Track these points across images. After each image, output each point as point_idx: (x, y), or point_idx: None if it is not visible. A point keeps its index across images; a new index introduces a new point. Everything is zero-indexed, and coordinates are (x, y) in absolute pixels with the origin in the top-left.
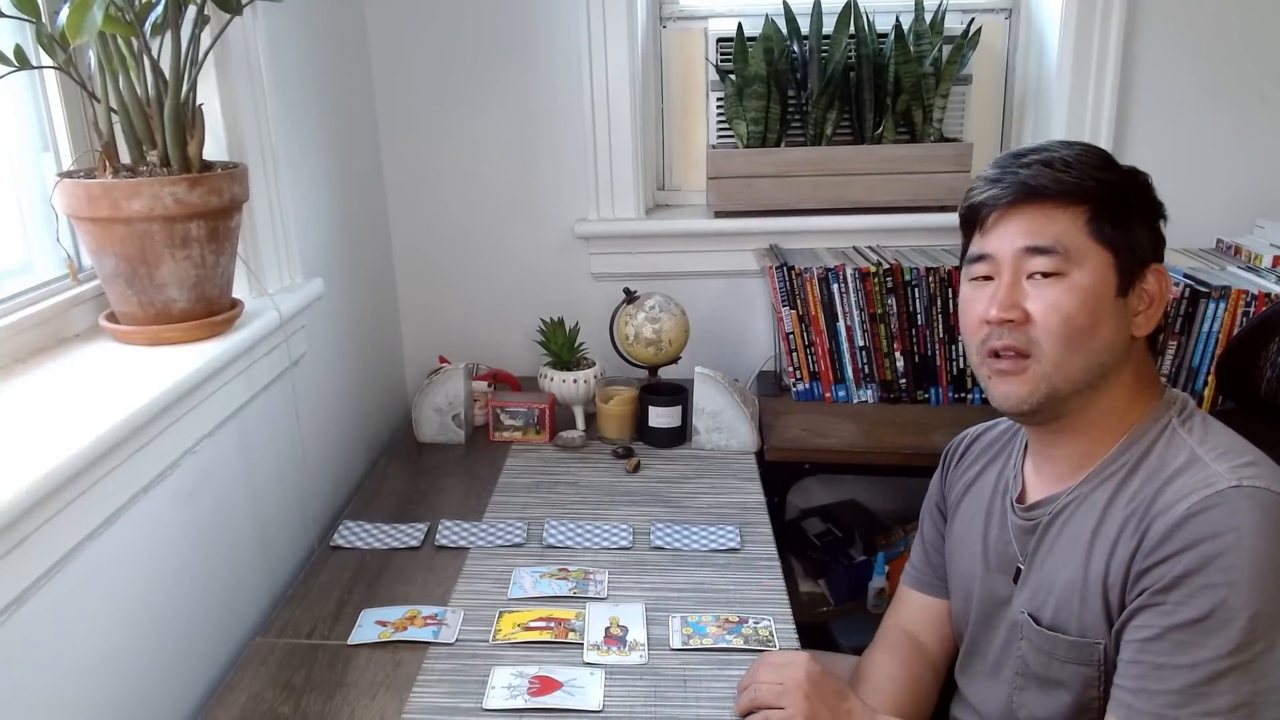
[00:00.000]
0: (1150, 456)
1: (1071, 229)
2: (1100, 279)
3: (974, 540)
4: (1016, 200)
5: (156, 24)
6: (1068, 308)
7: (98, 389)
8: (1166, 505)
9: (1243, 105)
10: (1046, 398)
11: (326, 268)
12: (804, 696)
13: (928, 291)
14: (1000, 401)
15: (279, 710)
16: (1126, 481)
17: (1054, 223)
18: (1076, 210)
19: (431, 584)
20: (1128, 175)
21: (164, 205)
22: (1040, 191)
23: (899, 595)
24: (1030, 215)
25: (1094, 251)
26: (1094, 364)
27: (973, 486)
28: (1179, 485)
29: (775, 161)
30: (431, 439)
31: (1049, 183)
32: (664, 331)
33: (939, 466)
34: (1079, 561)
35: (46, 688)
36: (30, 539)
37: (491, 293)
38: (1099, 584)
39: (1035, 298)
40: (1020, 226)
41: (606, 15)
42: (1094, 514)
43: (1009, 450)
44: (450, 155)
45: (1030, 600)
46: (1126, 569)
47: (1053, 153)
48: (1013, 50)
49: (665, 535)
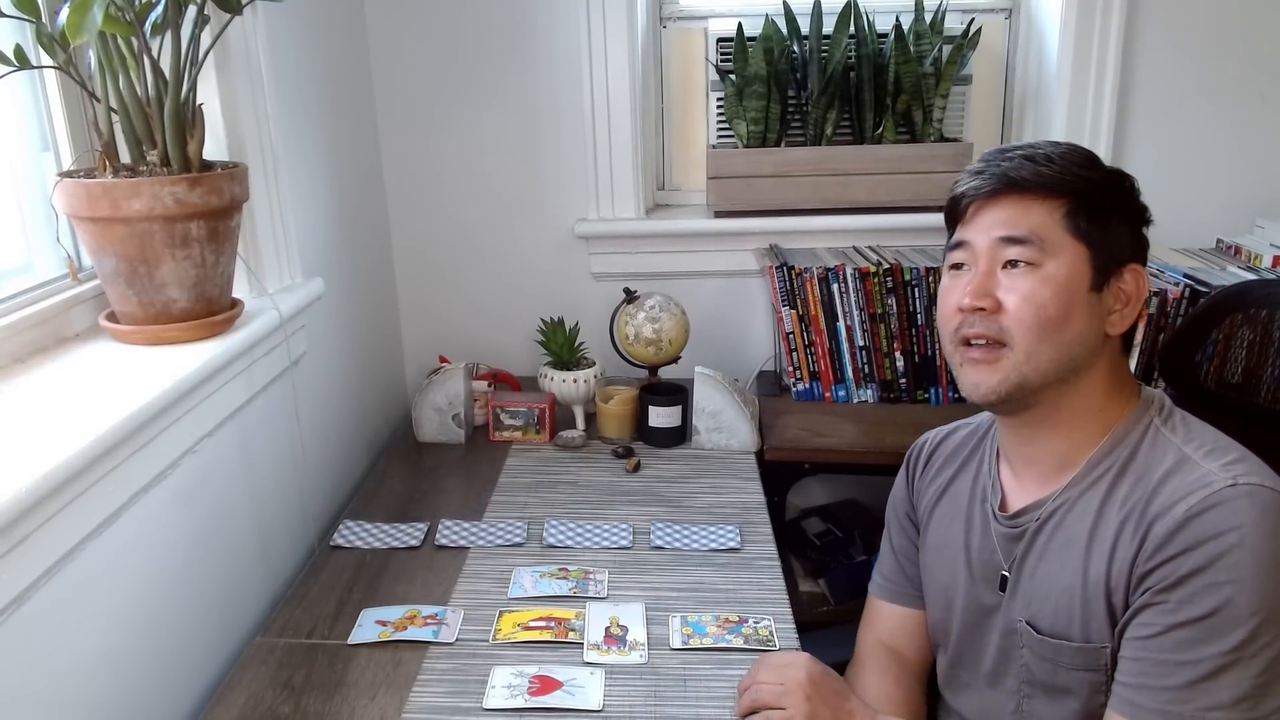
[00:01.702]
0: (1137, 457)
1: (1048, 221)
2: (1074, 271)
3: (954, 549)
4: (996, 191)
5: (156, 24)
6: (1040, 298)
7: (98, 389)
8: (1165, 507)
9: (1243, 105)
10: (1016, 387)
11: (326, 268)
12: (805, 697)
13: (928, 291)
14: (970, 390)
15: (279, 710)
16: (1116, 484)
17: (1031, 214)
18: (1054, 203)
19: (431, 584)
20: (1111, 175)
21: (164, 205)
22: (1019, 183)
23: (871, 608)
24: (1008, 206)
25: (1069, 244)
26: (1065, 356)
27: (945, 494)
28: (1173, 486)
29: (775, 161)
30: (431, 439)
31: (1028, 175)
32: (664, 331)
33: (902, 473)
34: (1076, 567)
35: (46, 687)
36: (30, 539)
37: (491, 293)
38: (1100, 588)
39: (1008, 287)
40: (998, 216)
41: (606, 15)
42: (1087, 518)
43: (979, 454)
44: (450, 155)
45: (1026, 608)
46: (1129, 572)
47: (1037, 149)
48: (1013, 50)
49: (665, 535)
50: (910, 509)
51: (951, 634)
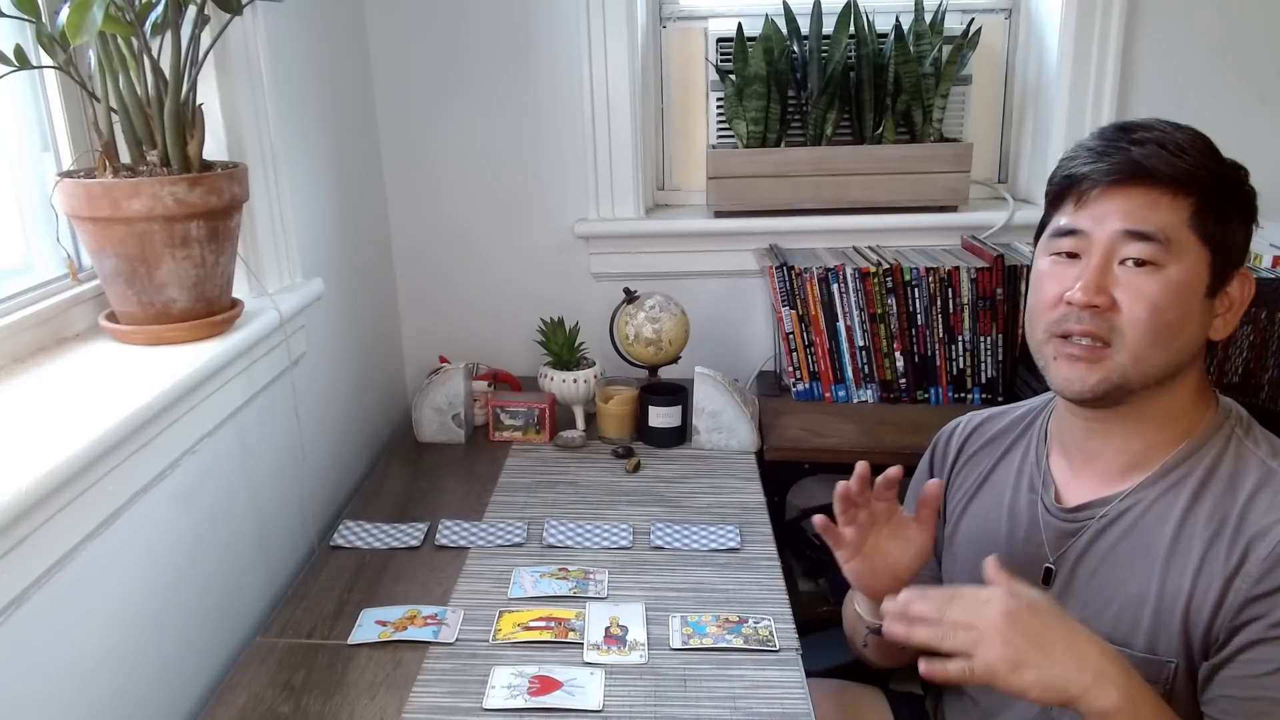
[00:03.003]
0: (1220, 468)
1: (1175, 220)
2: (1195, 276)
3: (993, 539)
4: (1123, 179)
5: (156, 24)
6: (1160, 301)
7: (98, 389)
8: (1262, 526)
9: (1242, 105)
10: (1115, 387)
11: (326, 268)
12: (1004, 643)
13: (928, 291)
14: (1063, 385)
15: (279, 710)
16: (1201, 494)
17: (1159, 210)
18: (1183, 200)
19: (431, 584)
20: (1233, 169)
21: (164, 205)
22: (1151, 174)
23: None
24: (1135, 197)
25: (1194, 247)
26: (1172, 362)
27: (986, 482)
28: (1266, 503)
29: (775, 161)
30: (431, 439)
31: (1162, 165)
32: (664, 331)
33: (926, 462)
34: (1152, 576)
35: (46, 687)
36: (30, 539)
37: (491, 293)
38: (1180, 603)
39: (1125, 286)
40: (1122, 207)
41: (606, 15)
42: (1167, 525)
43: (1025, 442)
44: (450, 155)
45: (1082, 609)
46: (1221, 593)
47: (1165, 133)
48: (1013, 50)
49: (665, 535)
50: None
51: None
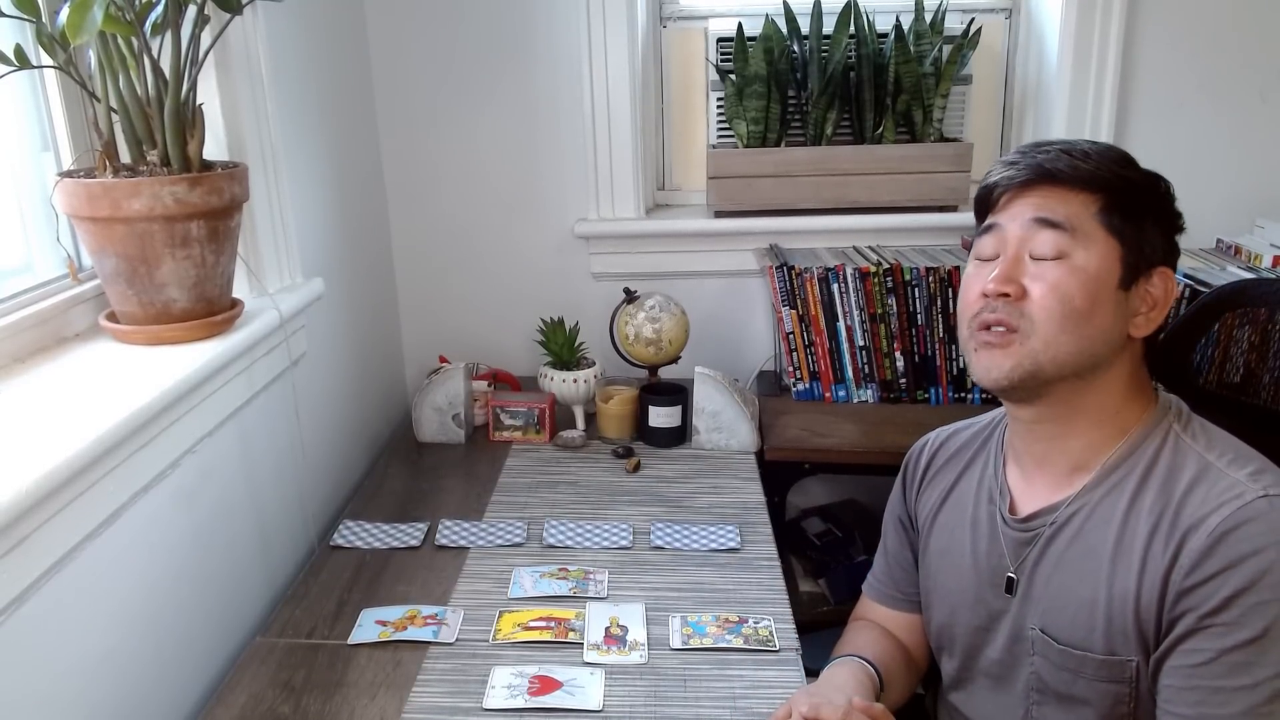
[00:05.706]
0: (1159, 464)
1: (1083, 213)
2: (1103, 265)
3: (960, 554)
4: (1031, 181)
5: (156, 24)
6: (1067, 288)
7: (98, 389)
8: (1196, 518)
9: (1242, 105)
10: (1029, 374)
11: (326, 267)
12: None
13: (928, 291)
14: (982, 374)
15: (279, 710)
16: (1140, 492)
17: (1067, 203)
18: (1089, 197)
19: (431, 584)
20: (1148, 176)
21: (164, 205)
22: (1055, 175)
23: (863, 602)
24: (1043, 194)
25: (1101, 238)
26: (1085, 350)
27: (949, 498)
28: (1201, 495)
29: (775, 161)
30: (431, 439)
31: (1065, 168)
32: (664, 331)
33: (899, 480)
34: (1099, 578)
35: (46, 687)
36: (30, 539)
37: (491, 293)
38: (1129, 602)
39: (1035, 275)
40: (1033, 202)
41: (606, 15)
42: (1110, 527)
43: (984, 455)
44: (450, 155)
45: (1040, 616)
46: (1162, 585)
47: (1074, 144)
48: (1013, 50)
49: (665, 535)
50: (908, 516)
51: (958, 639)
